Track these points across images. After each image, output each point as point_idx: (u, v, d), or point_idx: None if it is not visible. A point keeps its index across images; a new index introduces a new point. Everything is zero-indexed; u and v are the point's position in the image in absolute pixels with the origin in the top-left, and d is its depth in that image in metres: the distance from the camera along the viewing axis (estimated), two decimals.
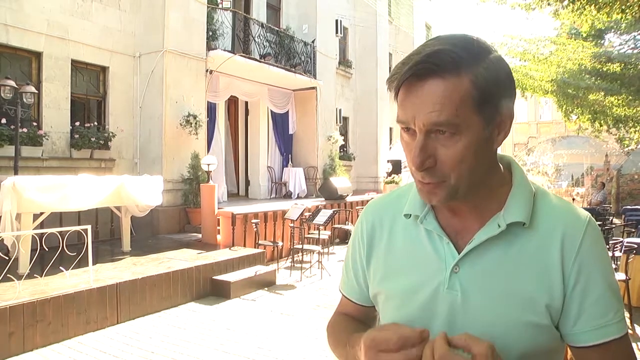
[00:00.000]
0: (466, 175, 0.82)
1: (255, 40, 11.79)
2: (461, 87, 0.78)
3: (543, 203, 0.90)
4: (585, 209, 12.34)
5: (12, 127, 7.09)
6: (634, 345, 0.89)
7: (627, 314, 5.28)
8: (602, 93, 12.79)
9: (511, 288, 0.84)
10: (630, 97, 12.53)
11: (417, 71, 0.78)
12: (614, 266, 6.14)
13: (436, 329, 0.88)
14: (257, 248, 7.76)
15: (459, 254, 0.88)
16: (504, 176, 0.92)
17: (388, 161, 16.87)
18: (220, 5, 10.74)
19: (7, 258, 4.79)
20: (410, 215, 0.95)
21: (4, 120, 7.33)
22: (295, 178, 13.54)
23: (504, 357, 0.83)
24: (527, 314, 0.84)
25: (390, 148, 19.15)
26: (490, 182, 0.89)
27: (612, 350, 0.84)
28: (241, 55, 10.77)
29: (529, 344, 0.84)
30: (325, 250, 8.91)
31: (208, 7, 10.29)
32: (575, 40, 12.49)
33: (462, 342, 0.73)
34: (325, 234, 8.75)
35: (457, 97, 0.78)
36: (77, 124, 8.43)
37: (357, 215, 11.21)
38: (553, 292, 0.84)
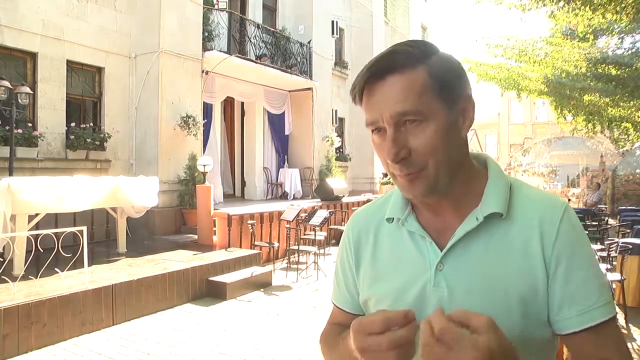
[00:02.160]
0: (443, 161, 0.85)
1: (251, 41, 11.78)
2: (419, 77, 0.83)
3: (519, 193, 0.91)
4: (581, 209, 12.42)
5: (7, 127, 7.06)
6: (629, 345, 0.88)
7: (622, 314, 5.31)
8: (598, 94, 12.83)
9: (496, 280, 0.85)
10: (625, 98, 12.57)
11: (375, 71, 0.85)
12: (609, 266, 6.16)
13: None
14: (253, 249, 7.76)
15: (441, 251, 0.90)
16: (480, 172, 0.95)
17: None
18: (216, 6, 10.72)
19: (1, 260, 4.77)
20: (393, 219, 0.98)
21: None
22: (291, 179, 13.54)
23: None
24: (513, 305, 0.84)
25: None
26: (466, 177, 0.91)
27: (601, 334, 0.83)
28: (237, 56, 10.77)
29: (518, 335, 0.83)
30: (321, 251, 8.90)
31: (204, 7, 10.29)
32: (570, 41, 12.52)
33: (460, 317, 0.71)
34: (321, 235, 8.76)
35: (417, 86, 0.83)
36: (73, 124, 8.40)
37: None
38: (537, 281, 0.85)
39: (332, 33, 15.11)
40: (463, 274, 0.88)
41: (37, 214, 5.62)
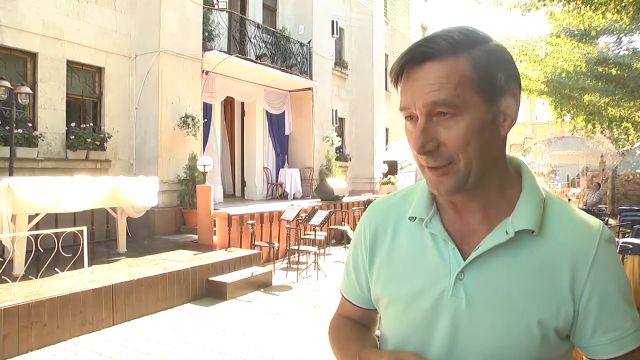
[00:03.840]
0: (475, 159, 0.81)
1: (251, 41, 11.78)
2: (459, 67, 0.79)
3: (553, 211, 0.87)
4: (581, 209, 12.41)
5: (7, 128, 7.06)
6: None
7: None
8: (598, 94, 12.83)
9: (517, 299, 0.83)
10: (625, 98, 12.57)
11: (414, 55, 0.80)
12: None
13: (439, 335, 0.87)
14: (253, 249, 7.76)
15: (464, 259, 0.86)
16: (513, 179, 0.90)
17: (384, 162, 16.90)
18: (216, 6, 10.72)
19: (2, 259, 4.77)
20: (415, 218, 0.93)
21: None
22: (291, 179, 13.54)
23: None
24: (532, 324, 0.82)
25: (387, 149, 19.18)
26: (499, 180, 0.87)
27: (633, 358, 0.83)
28: (237, 56, 10.76)
29: (533, 354, 0.83)
30: (322, 251, 8.90)
31: (204, 7, 10.28)
32: (570, 41, 12.52)
33: None
34: (321, 235, 8.76)
35: (455, 77, 0.78)
36: (73, 124, 8.40)
37: (354, 216, 11.23)
38: (560, 307, 0.82)
39: (332, 33, 15.10)
40: (484, 287, 0.84)
41: (37, 214, 5.62)
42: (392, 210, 1.01)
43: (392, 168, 16.43)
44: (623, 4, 6.82)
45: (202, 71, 10.19)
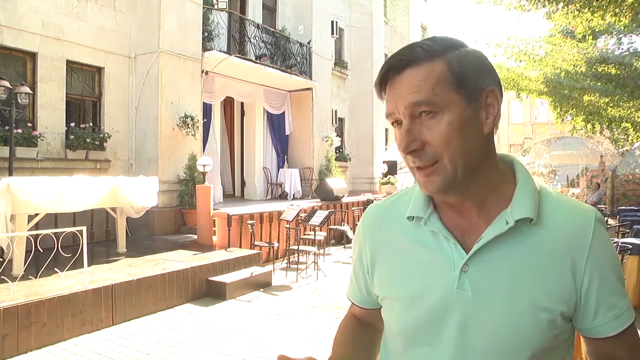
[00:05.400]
0: (459, 156, 0.83)
1: (251, 41, 11.78)
2: (435, 69, 0.84)
3: (548, 200, 0.90)
4: None
5: (7, 127, 7.06)
6: None
7: None
8: (597, 94, 12.84)
9: (522, 286, 0.85)
10: (624, 98, 12.58)
11: (393, 65, 0.86)
12: None
13: (449, 328, 0.89)
14: (253, 249, 7.76)
15: (466, 253, 0.88)
16: (507, 174, 0.93)
17: (384, 162, 16.90)
18: (215, 6, 10.72)
19: (1, 259, 4.77)
20: (414, 217, 0.95)
21: None
22: (291, 179, 13.54)
23: (517, 354, 0.85)
24: (538, 310, 0.84)
25: (386, 149, 19.18)
26: (491, 176, 0.90)
27: (629, 334, 0.87)
28: (237, 56, 10.77)
29: (541, 339, 0.85)
30: (321, 251, 8.90)
31: (204, 7, 10.29)
32: (570, 40, 12.53)
33: None
34: (321, 235, 8.76)
35: (432, 78, 0.83)
36: (73, 124, 8.40)
37: (353, 216, 11.21)
38: (563, 290, 0.85)
39: (332, 33, 15.10)
40: (489, 278, 0.87)
41: (36, 214, 5.62)
42: (387, 212, 1.04)
43: (392, 168, 16.43)
44: (621, 7, 6.82)
45: (202, 71, 10.19)
